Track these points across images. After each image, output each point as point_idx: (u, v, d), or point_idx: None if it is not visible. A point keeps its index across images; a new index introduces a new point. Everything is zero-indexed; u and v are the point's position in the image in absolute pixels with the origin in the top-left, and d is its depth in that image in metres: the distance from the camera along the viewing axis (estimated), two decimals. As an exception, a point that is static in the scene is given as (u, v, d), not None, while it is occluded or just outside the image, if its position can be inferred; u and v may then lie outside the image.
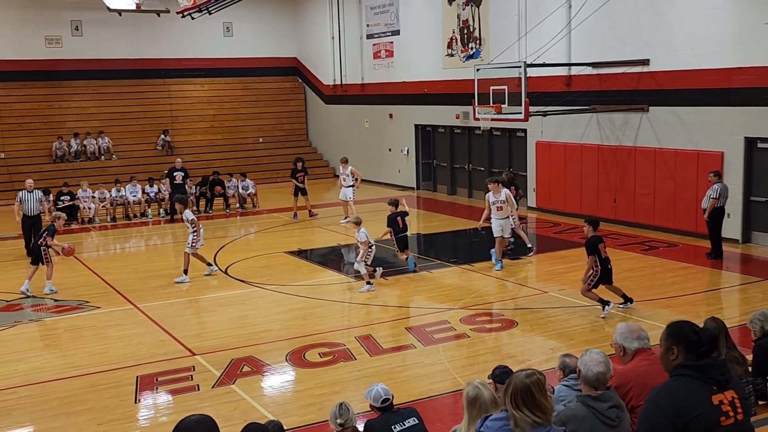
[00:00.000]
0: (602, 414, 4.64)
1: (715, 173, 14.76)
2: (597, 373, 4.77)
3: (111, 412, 8.62)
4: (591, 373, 4.78)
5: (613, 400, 4.73)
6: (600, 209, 18.99)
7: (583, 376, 4.83)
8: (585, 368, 4.83)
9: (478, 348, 10.52)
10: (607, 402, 4.68)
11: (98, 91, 29.49)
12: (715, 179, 14.60)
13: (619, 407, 4.76)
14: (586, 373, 4.81)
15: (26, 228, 17.18)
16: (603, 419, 4.63)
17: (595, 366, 4.79)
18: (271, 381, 9.56)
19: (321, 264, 16.26)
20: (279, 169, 29.84)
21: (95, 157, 28.12)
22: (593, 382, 4.78)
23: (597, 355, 4.86)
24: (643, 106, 17.71)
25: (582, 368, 4.85)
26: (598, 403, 4.67)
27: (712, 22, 16.02)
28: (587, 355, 4.89)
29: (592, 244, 11.37)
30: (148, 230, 21.21)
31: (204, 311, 12.82)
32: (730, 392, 4.01)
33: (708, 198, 14.63)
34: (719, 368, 4.05)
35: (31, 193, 17.25)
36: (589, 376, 4.79)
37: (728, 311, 11.74)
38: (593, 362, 4.81)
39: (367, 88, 28.51)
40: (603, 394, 4.72)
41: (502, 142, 22.85)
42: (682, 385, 4.01)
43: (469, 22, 23.06)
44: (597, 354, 4.88)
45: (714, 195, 14.51)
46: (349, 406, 5.85)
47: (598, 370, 4.78)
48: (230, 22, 31.19)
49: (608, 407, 4.66)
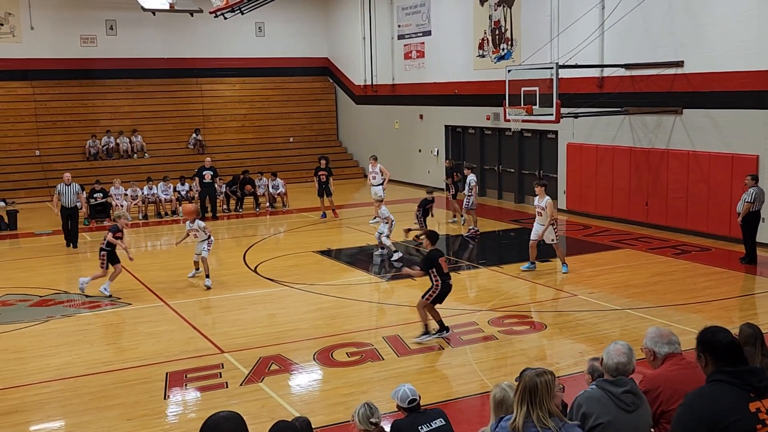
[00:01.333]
0: (616, 397, 4.71)
1: (753, 177, 14.54)
2: (617, 362, 4.88)
3: (141, 408, 8.72)
4: (612, 362, 4.90)
5: (630, 386, 4.78)
6: (632, 212, 18.82)
7: (605, 364, 4.96)
8: (607, 357, 4.96)
9: (506, 350, 10.47)
10: (623, 387, 4.75)
11: (131, 90, 29.84)
12: (752, 183, 14.38)
13: (636, 394, 4.80)
14: (608, 361, 4.93)
15: (64, 218, 18.00)
16: (617, 402, 4.70)
17: (617, 356, 4.90)
18: (298, 380, 9.60)
19: (349, 264, 16.28)
20: (309, 169, 29.74)
21: (128, 156, 28.44)
22: (613, 371, 4.89)
23: (621, 347, 4.98)
24: (677, 108, 17.51)
25: (605, 357, 4.98)
26: (613, 387, 4.76)
27: (747, 24, 15.79)
28: (612, 346, 5.02)
29: (431, 258, 10.74)
30: (179, 228, 21.37)
31: (233, 309, 12.90)
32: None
33: (743, 202, 14.42)
34: (758, 375, 3.99)
35: (69, 186, 18.05)
36: (610, 365, 4.91)
37: (762, 317, 11.55)
38: (616, 352, 4.93)
39: (398, 89, 28.51)
40: (619, 379, 4.81)
41: (533, 144, 22.72)
42: (719, 390, 3.96)
43: (500, 23, 22.96)
44: (621, 345, 4.99)
45: (749, 199, 14.30)
46: (375, 406, 5.83)
47: (619, 360, 4.88)
48: (262, 22, 31.37)
49: (623, 391, 4.73)
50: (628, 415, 4.69)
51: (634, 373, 4.94)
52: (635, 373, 4.98)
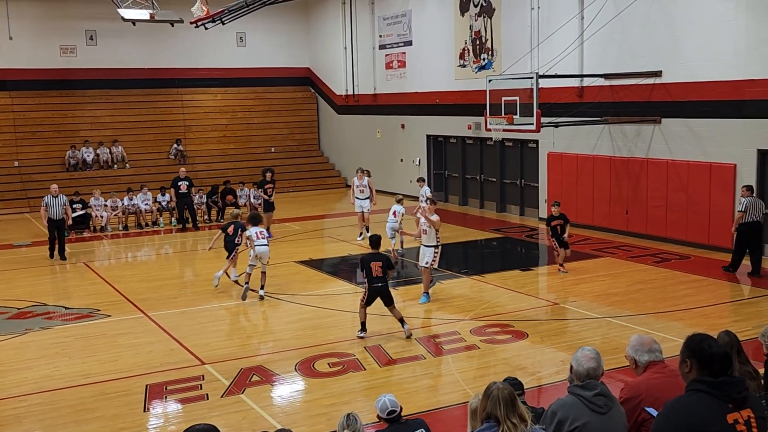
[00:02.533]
0: (588, 400, 4.76)
1: (748, 187, 14.62)
2: (588, 368, 4.93)
3: (120, 421, 8.64)
4: (582, 369, 4.94)
5: (600, 388, 4.83)
6: (612, 221, 18.93)
7: (575, 371, 5.00)
8: (577, 364, 5.00)
9: (488, 359, 10.48)
10: (593, 390, 4.80)
11: (112, 100, 29.69)
12: (747, 193, 14.47)
13: (607, 396, 4.84)
14: (578, 368, 4.97)
15: (51, 231, 17.81)
16: (590, 405, 4.75)
17: (587, 362, 4.95)
18: (280, 391, 9.55)
19: (332, 274, 16.25)
20: (291, 179, 29.94)
21: (108, 166, 28.27)
22: (584, 377, 4.93)
23: (589, 352, 5.03)
24: (656, 117, 17.66)
25: (574, 364, 5.02)
26: (584, 391, 4.82)
27: (725, 34, 15.97)
28: (580, 352, 5.05)
29: (362, 261, 11.36)
30: (160, 239, 21.29)
31: (214, 320, 12.83)
32: (747, 411, 3.94)
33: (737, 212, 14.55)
34: (736, 386, 3.98)
35: (56, 197, 17.94)
36: (581, 372, 4.95)
37: (741, 324, 11.62)
38: (585, 358, 4.97)
39: (380, 99, 28.56)
40: (589, 382, 4.86)
41: (514, 153, 22.82)
42: (697, 401, 3.95)
43: (481, 33, 23.08)
44: (589, 351, 5.05)
45: (741, 208, 14.38)
46: (357, 416, 5.82)
47: (589, 366, 4.93)
48: (243, 32, 31.34)
49: (594, 394, 4.78)
50: (602, 417, 4.75)
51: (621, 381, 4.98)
52: (618, 381, 5.01)
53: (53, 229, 17.75)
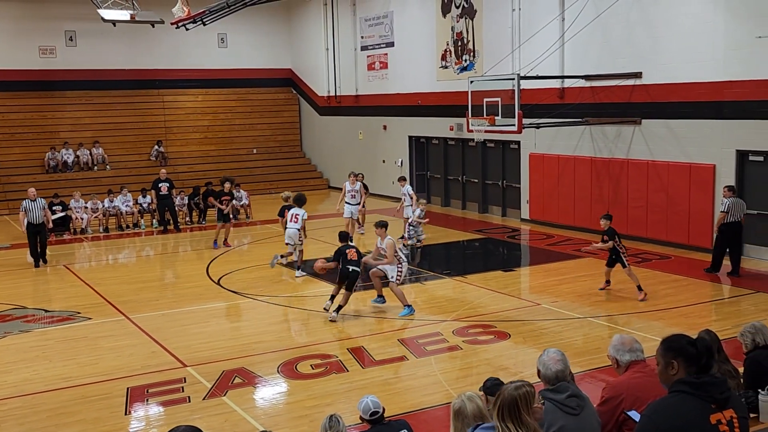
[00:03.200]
0: (561, 403, 4.78)
1: (730, 188, 14.71)
2: (556, 371, 4.94)
3: (101, 424, 8.57)
4: (550, 372, 4.95)
5: (571, 389, 4.86)
6: (593, 221, 18.98)
7: (543, 375, 5.00)
8: (544, 367, 4.99)
9: (470, 360, 10.50)
10: (565, 392, 4.83)
11: (92, 101, 29.49)
12: (728, 194, 14.56)
13: (579, 396, 4.87)
14: (546, 372, 4.98)
15: (32, 235, 17.36)
16: (563, 408, 4.77)
17: (554, 365, 4.96)
18: (262, 393, 9.52)
19: (314, 275, 16.20)
20: (273, 180, 29.87)
21: (88, 168, 28.06)
22: (553, 380, 4.94)
23: (555, 354, 5.04)
24: (636, 118, 17.78)
25: (541, 368, 5.01)
26: (556, 394, 4.83)
27: (704, 36, 16.10)
28: (545, 355, 5.05)
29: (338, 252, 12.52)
30: (141, 241, 21.16)
31: (196, 322, 12.76)
32: (729, 411, 3.96)
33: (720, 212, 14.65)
34: (719, 387, 4.00)
35: (35, 201, 17.49)
36: (549, 375, 4.96)
37: (720, 323, 11.73)
38: (552, 361, 4.98)
39: (362, 100, 28.56)
40: (560, 385, 4.87)
41: (496, 154, 22.89)
42: (680, 402, 3.96)
43: (463, 34, 23.14)
44: (554, 353, 5.05)
45: (723, 209, 14.47)
46: (340, 418, 5.81)
47: (557, 368, 4.94)
48: (225, 34, 31.23)
49: (566, 396, 4.80)
50: (575, 418, 4.78)
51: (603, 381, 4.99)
52: (599, 381, 5.04)
53: (34, 235, 17.25)
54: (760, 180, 15.65)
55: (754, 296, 13.19)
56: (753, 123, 15.40)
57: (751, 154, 15.73)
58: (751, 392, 6.56)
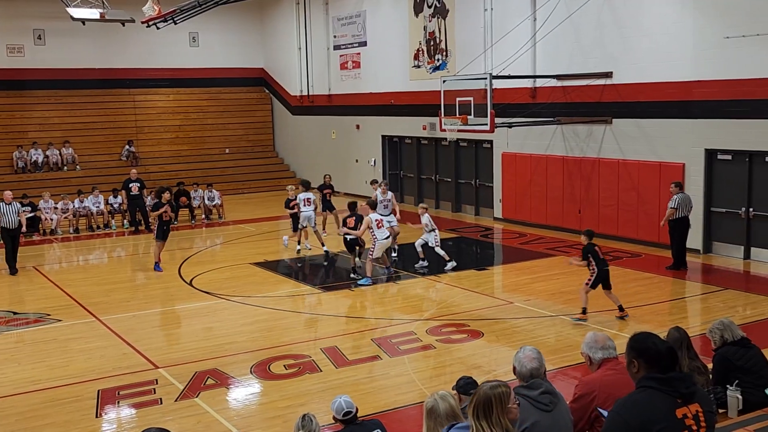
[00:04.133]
0: (534, 400, 4.85)
1: (677, 184, 14.97)
2: (531, 369, 5.01)
3: (72, 427, 8.48)
4: (525, 369, 5.03)
5: (544, 386, 4.92)
6: (565, 220, 19.16)
7: (518, 372, 5.07)
8: (520, 365, 5.07)
9: (444, 359, 10.52)
10: (538, 389, 4.89)
11: (61, 100, 29.13)
12: (676, 190, 14.81)
13: (552, 393, 4.93)
14: (521, 369, 5.05)
15: (8, 240, 16.79)
16: (536, 404, 4.84)
17: (529, 362, 5.03)
18: (235, 394, 9.47)
19: (287, 275, 16.17)
20: (245, 180, 29.73)
21: (58, 168, 27.72)
22: (527, 377, 5.01)
23: (530, 352, 5.11)
24: (607, 118, 17.93)
25: (517, 365, 5.09)
26: (530, 391, 4.90)
27: (673, 36, 16.28)
28: (521, 353, 5.12)
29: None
30: (112, 242, 20.95)
31: (168, 324, 12.66)
32: (695, 406, 4.03)
33: (668, 208, 14.84)
34: (685, 381, 4.08)
35: (10, 205, 16.88)
36: (524, 372, 5.03)
37: (690, 320, 11.89)
38: (527, 359, 5.05)
39: (334, 99, 28.51)
40: (533, 382, 4.95)
41: (469, 153, 22.97)
42: (647, 397, 4.03)
43: (435, 33, 23.19)
44: (530, 351, 5.12)
45: (673, 205, 14.71)
46: (313, 417, 5.79)
47: (532, 366, 5.02)
48: (196, 32, 31.01)
49: (539, 393, 4.87)
50: (548, 414, 4.84)
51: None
52: (572, 378, 5.08)
53: (9, 240, 16.72)
54: (728, 178, 15.86)
55: (723, 293, 13.36)
56: (721, 122, 15.61)
57: (719, 153, 15.93)
58: (719, 388, 6.65)
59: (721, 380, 6.72)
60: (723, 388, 6.63)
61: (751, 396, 6.55)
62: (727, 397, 6.54)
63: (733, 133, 15.47)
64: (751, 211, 15.53)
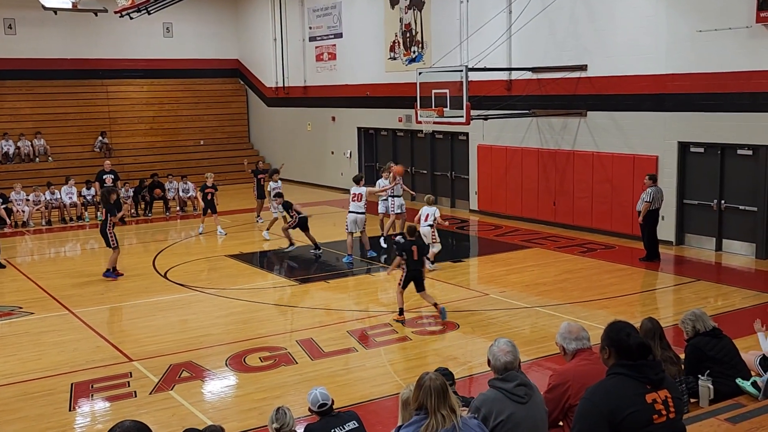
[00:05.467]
0: (510, 392, 4.89)
1: (651, 177, 15.11)
2: (505, 362, 5.03)
3: (44, 421, 8.40)
4: (499, 363, 5.04)
5: (519, 379, 4.96)
6: (540, 212, 19.27)
7: (493, 365, 5.09)
8: (494, 358, 5.07)
9: (420, 350, 10.55)
10: (513, 381, 4.93)
11: (33, 91, 28.71)
12: (650, 183, 14.94)
13: (527, 385, 4.98)
14: (495, 362, 5.07)
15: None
16: (511, 397, 4.88)
17: (503, 356, 5.04)
18: (210, 386, 9.43)
19: (263, 267, 16.12)
20: (221, 172, 29.47)
21: (30, 159, 27.38)
22: (502, 370, 5.03)
23: (504, 345, 5.11)
24: (581, 110, 18.04)
25: (491, 358, 5.10)
26: (505, 383, 4.94)
27: (646, 30, 16.41)
28: (495, 346, 5.13)
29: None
30: (85, 234, 20.74)
31: (142, 316, 12.57)
32: (664, 391, 4.16)
33: (642, 201, 14.97)
34: (654, 368, 4.21)
35: None
36: (498, 366, 5.05)
37: (663, 311, 12.02)
38: (501, 352, 5.06)
39: (310, 91, 28.41)
40: (509, 374, 4.98)
41: (445, 146, 23.00)
42: (617, 383, 4.16)
43: (411, 25, 23.17)
44: (504, 344, 5.12)
45: (647, 198, 14.84)
46: (288, 410, 5.80)
47: (506, 360, 5.03)
48: (170, 23, 30.72)
49: (515, 385, 4.91)
50: (523, 406, 4.89)
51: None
52: (546, 369, 5.13)
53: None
54: (701, 171, 16.03)
55: (695, 284, 13.52)
56: (694, 115, 15.77)
57: (692, 146, 16.09)
58: (691, 378, 6.74)
59: (692, 370, 6.80)
60: (695, 377, 6.71)
61: (722, 386, 6.64)
62: (699, 387, 6.62)
63: (705, 126, 15.63)
64: (722, 203, 15.72)
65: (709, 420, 5.76)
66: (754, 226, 15.21)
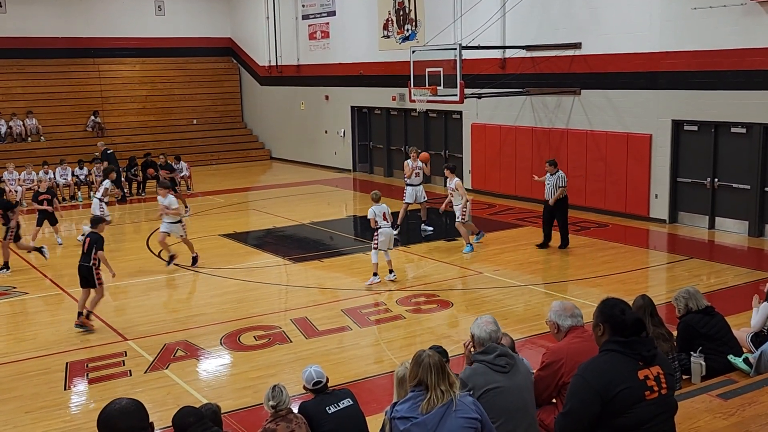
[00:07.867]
0: (492, 363, 5.03)
1: (553, 162, 14.52)
2: (489, 332, 5.20)
3: (40, 400, 8.43)
4: (485, 333, 5.20)
5: (500, 350, 5.10)
6: (534, 191, 19.25)
7: (478, 337, 5.23)
8: (479, 330, 5.23)
9: (414, 329, 10.59)
10: (494, 352, 5.07)
11: (24, 70, 28.51)
12: (553, 169, 14.33)
13: (508, 356, 5.10)
14: (480, 333, 5.22)
15: None
16: (493, 367, 5.02)
17: (487, 326, 5.22)
18: (205, 365, 9.47)
19: (257, 247, 16.12)
20: (213, 152, 29.48)
21: (22, 139, 27.23)
22: (486, 341, 5.18)
23: (487, 318, 5.33)
24: (575, 89, 18.00)
25: (476, 331, 5.25)
26: (486, 355, 5.08)
27: (640, 7, 16.34)
28: (479, 319, 5.33)
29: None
30: (78, 214, 20.69)
31: (137, 296, 12.58)
32: (656, 368, 4.19)
33: (555, 187, 14.25)
34: (646, 345, 4.23)
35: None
36: (483, 336, 5.20)
37: (655, 289, 12.07)
38: (485, 323, 5.25)
39: (303, 70, 28.27)
40: (489, 347, 5.13)
41: (438, 124, 22.96)
42: (610, 360, 4.18)
43: (404, 3, 23.02)
44: (487, 318, 5.33)
45: (561, 184, 14.23)
46: (284, 388, 5.82)
47: (491, 329, 5.21)
48: (162, 1, 30.51)
49: (495, 356, 5.05)
50: (506, 375, 5.00)
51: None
52: (539, 346, 5.17)
53: None
54: (695, 149, 16.05)
55: (688, 262, 13.58)
56: (688, 93, 15.75)
57: (686, 124, 16.10)
58: (684, 355, 6.78)
59: (685, 347, 6.85)
60: (687, 354, 6.76)
61: (714, 362, 6.69)
62: (691, 364, 6.67)
63: (699, 105, 15.62)
64: (716, 181, 15.75)
65: (701, 396, 5.80)
66: (747, 204, 15.25)
